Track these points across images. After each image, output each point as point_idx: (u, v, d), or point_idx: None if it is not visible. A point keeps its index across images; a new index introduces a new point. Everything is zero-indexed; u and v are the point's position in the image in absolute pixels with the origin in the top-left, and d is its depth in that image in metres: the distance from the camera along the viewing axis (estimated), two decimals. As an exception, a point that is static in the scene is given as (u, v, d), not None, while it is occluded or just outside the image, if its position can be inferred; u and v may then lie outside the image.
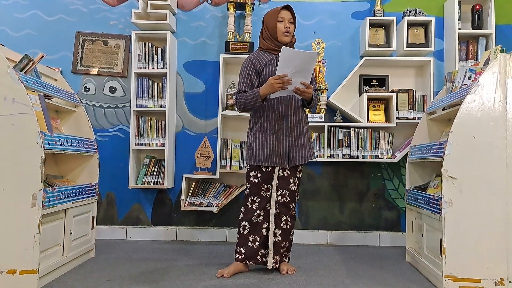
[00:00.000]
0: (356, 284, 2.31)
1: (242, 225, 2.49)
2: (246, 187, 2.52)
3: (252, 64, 2.47)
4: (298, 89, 2.31)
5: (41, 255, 2.17)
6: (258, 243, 2.46)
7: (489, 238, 2.14)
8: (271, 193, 2.47)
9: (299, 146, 2.47)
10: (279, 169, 2.46)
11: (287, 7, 2.47)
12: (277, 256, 2.48)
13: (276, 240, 2.48)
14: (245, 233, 2.47)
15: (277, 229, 2.49)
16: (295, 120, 2.46)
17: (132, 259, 2.79)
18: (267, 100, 2.42)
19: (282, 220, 2.49)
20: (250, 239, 2.46)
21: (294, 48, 2.54)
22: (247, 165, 2.54)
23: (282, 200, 2.48)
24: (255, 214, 2.46)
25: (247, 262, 2.47)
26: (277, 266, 2.48)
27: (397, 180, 3.45)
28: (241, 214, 2.50)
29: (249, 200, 2.48)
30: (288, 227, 2.50)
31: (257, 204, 2.47)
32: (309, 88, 2.33)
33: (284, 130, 2.44)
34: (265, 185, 2.47)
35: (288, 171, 2.47)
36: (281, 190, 2.47)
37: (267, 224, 2.48)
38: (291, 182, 2.48)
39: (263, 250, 2.48)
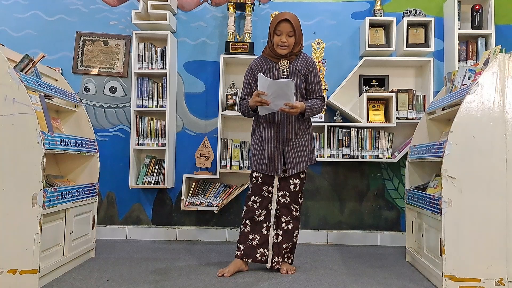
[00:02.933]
0: (355, 284, 2.31)
1: (243, 222, 2.51)
2: (249, 186, 2.54)
3: (252, 72, 2.51)
4: (283, 110, 2.32)
5: (42, 255, 2.18)
6: (257, 241, 2.48)
7: (489, 238, 2.14)
8: (272, 194, 2.49)
9: (295, 156, 2.45)
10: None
11: (287, 20, 2.38)
12: (278, 257, 2.49)
13: (278, 241, 2.49)
14: (245, 230, 2.49)
15: (278, 230, 2.50)
16: (291, 130, 2.45)
17: (132, 259, 2.79)
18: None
19: (283, 221, 2.50)
20: (250, 237, 2.48)
21: (303, 54, 2.53)
22: (250, 166, 2.57)
23: (283, 201, 2.48)
24: (256, 213, 2.48)
25: (246, 259, 2.48)
26: (278, 267, 2.48)
27: (396, 180, 3.45)
28: (243, 212, 2.53)
29: (251, 199, 2.50)
30: (290, 228, 2.50)
31: (259, 203, 2.49)
32: (294, 108, 2.32)
33: (280, 140, 2.44)
34: (267, 186, 2.49)
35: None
36: (282, 191, 2.48)
37: (267, 224, 2.49)
38: (291, 183, 2.48)
39: (262, 249, 2.49)
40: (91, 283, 2.26)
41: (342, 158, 3.26)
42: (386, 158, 3.24)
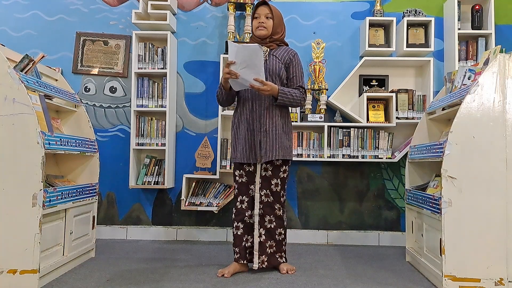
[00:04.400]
0: (356, 284, 2.31)
1: (235, 225, 2.52)
2: (234, 187, 2.54)
3: None
4: (252, 85, 2.30)
5: (42, 255, 2.18)
6: (250, 243, 2.48)
7: (489, 238, 2.14)
8: (255, 193, 2.47)
9: (270, 142, 2.40)
10: (261, 169, 2.46)
11: (264, 2, 2.46)
12: (263, 256, 2.47)
13: (261, 240, 2.48)
14: (239, 233, 2.50)
15: (261, 229, 2.48)
16: (268, 115, 2.42)
17: (132, 259, 2.79)
18: (240, 95, 2.48)
19: (266, 220, 2.48)
20: (244, 239, 2.48)
21: (283, 45, 2.54)
22: (231, 163, 2.55)
23: (266, 200, 2.47)
24: (246, 214, 2.48)
25: (242, 261, 2.47)
26: (263, 266, 2.47)
27: (396, 180, 3.45)
28: (233, 214, 2.53)
29: (238, 199, 2.51)
30: (272, 227, 2.48)
31: (246, 203, 2.48)
32: (265, 85, 2.29)
33: (256, 126, 2.42)
34: (250, 185, 2.48)
35: (270, 172, 2.46)
36: (264, 190, 2.47)
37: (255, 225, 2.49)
38: (272, 183, 2.46)
39: (252, 249, 2.48)
40: (91, 283, 2.26)
41: (342, 158, 3.26)
42: (386, 158, 3.24)
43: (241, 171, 2.49)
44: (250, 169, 2.47)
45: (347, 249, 3.23)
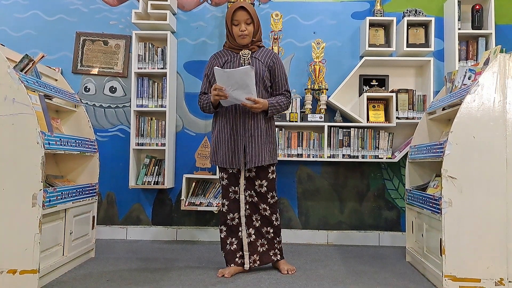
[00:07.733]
0: (356, 284, 2.31)
1: (220, 228, 2.52)
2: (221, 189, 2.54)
3: (210, 64, 2.49)
4: (244, 104, 2.29)
5: (42, 255, 2.17)
6: (235, 245, 2.47)
7: (489, 238, 2.14)
8: (239, 195, 2.46)
9: (255, 147, 2.38)
10: (245, 171, 2.44)
11: (242, 7, 2.37)
12: (254, 256, 2.47)
13: (251, 240, 2.47)
14: (222, 236, 2.50)
15: (250, 229, 2.48)
16: (252, 120, 2.39)
17: (132, 259, 2.79)
18: (221, 105, 2.41)
19: (253, 219, 2.48)
20: (227, 242, 2.48)
21: (262, 47, 2.51)
22: (211, 162, 2.54)
23: (251, 200, 2.47)
24: (228, 217, 2.47)
25: (229, 265, 2.46)
26: (255, 265, 2.47)
27: (397, 180, 3.45)
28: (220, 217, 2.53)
29: (222, 202, 2.51)
30: (259, 225, 2.48)
31: (227, 207, 2.48)
32: (257, 104, 2.28)
33: (241, 130, 2.39)
34: (233, 187, 2.47)
35: (254, 173, 2.44)
36: (248, 191, 2.46)
37: (241, 227, 2.48)
38: (256, 184, 2.45)
39: (241, 252, 2.47)
40: (91, 283, 2.26)
41: (342, 158, 3.26)
42: (386, 158, 3.24)
43: (223, 173, 2.48)
44: (234, 171, 2.45)
45: (347, 249, 3.23)
